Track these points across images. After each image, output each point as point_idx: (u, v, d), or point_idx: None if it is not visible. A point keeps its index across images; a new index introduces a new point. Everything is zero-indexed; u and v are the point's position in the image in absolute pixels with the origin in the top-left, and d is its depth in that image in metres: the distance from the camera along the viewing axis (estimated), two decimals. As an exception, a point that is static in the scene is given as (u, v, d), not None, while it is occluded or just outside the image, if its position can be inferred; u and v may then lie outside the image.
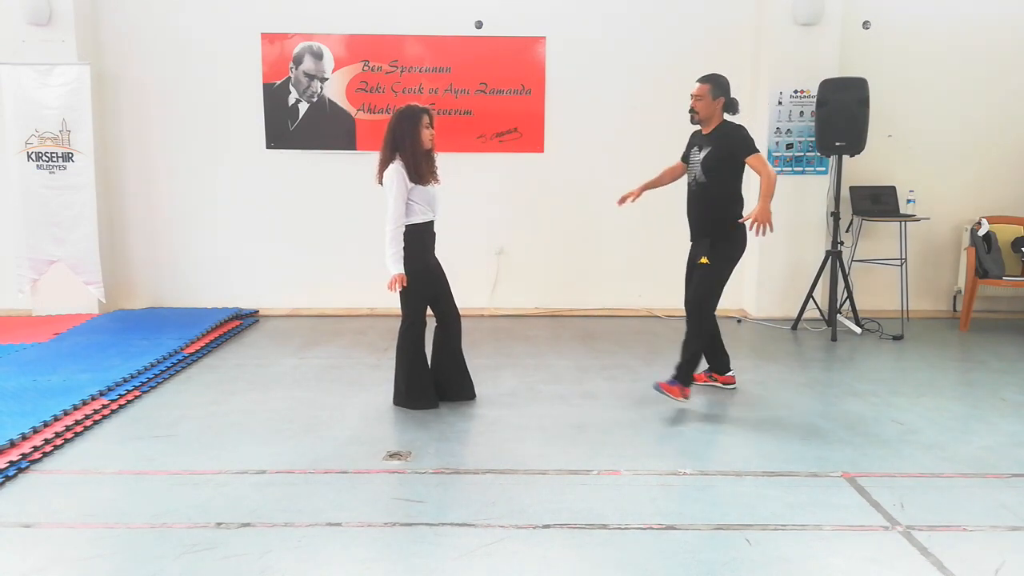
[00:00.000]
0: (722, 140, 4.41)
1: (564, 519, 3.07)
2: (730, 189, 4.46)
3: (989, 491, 3.38)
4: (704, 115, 4.47)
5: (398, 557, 2.80)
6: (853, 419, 4.28)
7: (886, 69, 6.71)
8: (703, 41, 6.85)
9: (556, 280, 7.12)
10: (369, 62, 6.82)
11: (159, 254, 6.99)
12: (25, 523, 3.05)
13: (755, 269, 6.85)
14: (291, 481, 3.44)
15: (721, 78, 4.48)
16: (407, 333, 4.35)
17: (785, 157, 6.68)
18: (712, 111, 4.45)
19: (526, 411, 4.38)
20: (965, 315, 6.52)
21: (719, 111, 4.46)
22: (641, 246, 7.09)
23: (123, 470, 3.57)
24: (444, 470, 3.56)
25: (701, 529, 3.01)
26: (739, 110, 4.49)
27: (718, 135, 4.44)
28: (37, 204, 6.48)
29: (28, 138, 6.42)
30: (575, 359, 5.51)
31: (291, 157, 6.91)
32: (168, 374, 5.04)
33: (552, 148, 6.95)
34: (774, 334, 6.33)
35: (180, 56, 6.74)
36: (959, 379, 5.19)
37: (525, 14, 6.79)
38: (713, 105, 4.44)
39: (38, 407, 4.14)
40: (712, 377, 4.85)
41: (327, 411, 4.37)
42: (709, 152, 4.43)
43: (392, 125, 4.22)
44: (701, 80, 4.50)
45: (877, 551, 2.86)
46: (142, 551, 2.83)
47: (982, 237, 6.51)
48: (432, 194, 4.30)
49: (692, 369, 4.48)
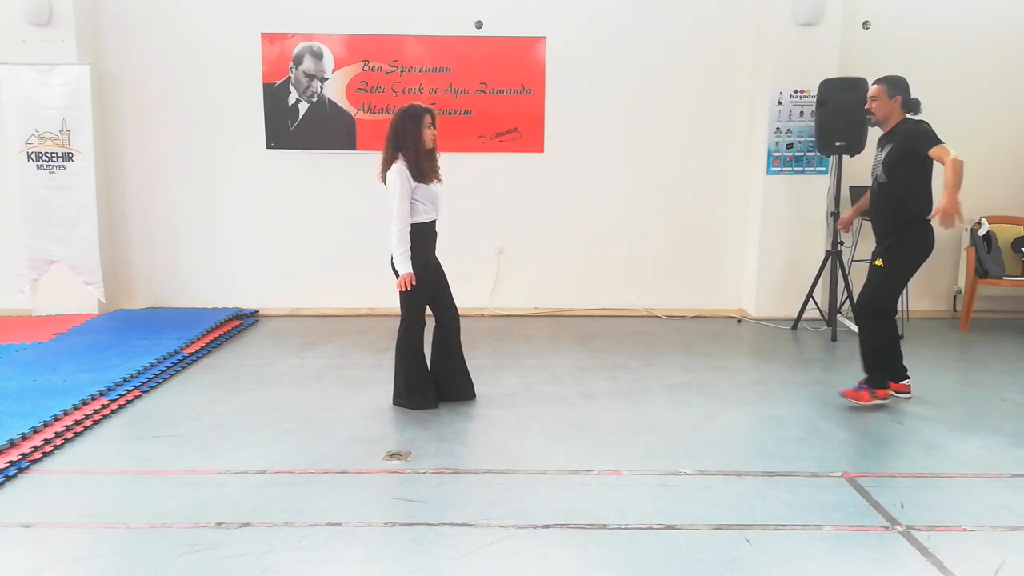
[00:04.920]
0: (902, 137, 4.34)
1: (564, 519, 3.07)
2: (913, 188, 4.33)
3: (989, 491, 3.38)
4: (881, 115, 4.43)
5: (398, 557, 2.80)
6: (853, 419, 4.28)
7: (886, 69, 6.64)
8: (703, 41, 6.85)
9: (556, 280, 7.12)
10: (369, 62, 6.82)
11: (159, 254, 6.99)
12: (25, 523, 3.05)
13: (755, 269, 6.86)
14: (291, 481, 3.44)
15: (897, 78, 4.45)
16: (407, 333, 4.35)
17: (785, 157, 6.68)
18: (889, 111, 4.40)
19: (526, 411, 4.38)
20: (965, 315, 6.52)
21: (897, 110, 4.39)
22: (641, 246, 7.09)
23: (123, 470, 3.57)
24: (444, 470, 3.56)
25: (701, 529, 3.01)
26: (920, 109, 4.41)
27: (899, 133, 4.37)
28: (37, 204, 6.48)
29: (28, 138, 6.41)
30: (575, 359, 5.51)
31: (291, 157, 6.91)
32: (168, 374, 5.04)
33: (552, 148, 6.95)
34: (774, 334, 6.33)
35: (180, 56, 6.74)
36: (959, 379, 5.19)
37: (525, 14, 6.79)
38: (890, 105, 4.39)
39: (38, 407, 4.14)
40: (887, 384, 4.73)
41: (327, 411, 4.37)
42: (889, 151, 4.37)
43: (394, 124, 4.23)
44: (876, 81, 4.49)
45: (877, 551, 2.86)
46: (142, 551, 2.83)
47: (982, 237, 6.51)
48: (435, 193, 4.31)
49: (877, 371, 4.44)
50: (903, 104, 4.39)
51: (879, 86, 4.44)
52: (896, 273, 4.42)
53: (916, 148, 4.26)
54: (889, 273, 4.40)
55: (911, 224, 4.35)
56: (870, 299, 4.45)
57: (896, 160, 4.34)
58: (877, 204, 4.50)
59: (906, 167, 4.32)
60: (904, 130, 4.37)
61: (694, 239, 7.10)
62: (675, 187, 7.04)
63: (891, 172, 4.37)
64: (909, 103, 4.39)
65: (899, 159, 4.33)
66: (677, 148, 7.00)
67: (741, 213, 7.04)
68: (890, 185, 4.38)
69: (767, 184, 6.70)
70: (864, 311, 4.48)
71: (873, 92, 4.46)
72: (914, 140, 4.28)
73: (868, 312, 4.45)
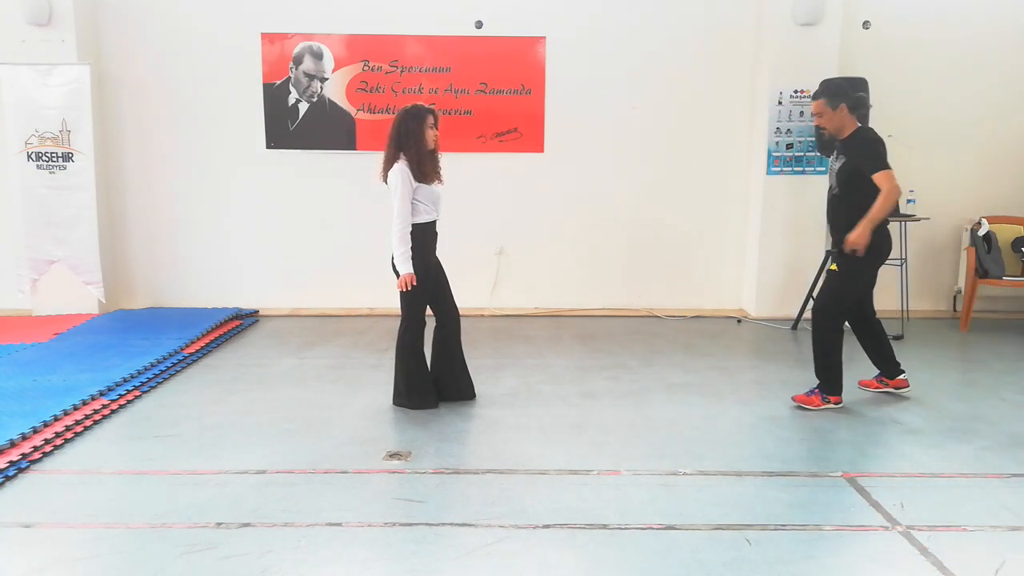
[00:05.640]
0: (853, 153, 4.23)
1: (564, 519, 3.07)
2: (865, 201, 4.16)
3: (989, 491, 3.38)
4: (832, 128, 4.30)
5: (398, 557, 2.80)
6: (853, 419, 4.28)
7: (886, 69, 6.71)
8: (703, 41, 6.85)
9: (556, 280, 7.12)
10: (369, 62, 6.82)
11: (159, 254, 6.99)
12: (25, 523, 3.05)
13: (755, 269, 6.86)
14: (291, 481, 3.44)
15: (834, 85, 4.31)
16: (407, 333, 4.35)
17: (785, 157, 6.68)
18: (839, 122, 4.26)
19: (526, 411, 4.38)
20: (965, 315, 6.52)
21: (847, 118, 4.24)
22: (641, 246, 7.08)
23: (123, 470, 3.57)
24: (444, 470, 3.56)
25: (701, 529, 3.01)
26: (870, 105, 4.27)
27: (851, 145, 4.26)
28: (37, 204, 6.48)
29: (28, 138, 6.41)
30: (575, 359, 5.51)
31: (291, 157, 6.91)
32: (168, 374, 5.04)
33: (552, 148, 6.95)
34: (774, 334, 6.32)
35: (180, 56, 6.74)
36: (959, 379, 5.19)
37: (525, 14, 6.79)
38: (836, 116, 4.24)
39: (38, 407, 4.14)
40: (883, 382, 4.71)
41: (327, 411, 4.37)
42: (843, 164, 4.27)
43: (397, 124, 4.23)
44: (814, 96, 4.34)
45: (877, 551, 2.86)
46: (142, 551, 2.83)
47: (982, 237, 6.51)
48: (437, 193, 4.32)
49: (829, 376, 4.39)
50: (850, 109, 4.25)
51: (819, 101, 4.29)
52: (846, 279, 4.35)
53: (862, 167, 4.17)
54: (841, 278, 4.35)
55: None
56: (825, 305, 4.40)
57: (849, 174, 4.25)
58: (833, 212, 4.43)
59: (857, 181, 4.23)
60: (855, 144, 4.26)
61: (694, 239, 7.10)
62: (675, 187, 7.04)
63: (844, 184, 4.30)
64: (857, 105, 4.27)
65: (852, 172, 4.24)
66: (677, 148, 7.00)
67: (741, 213, 7.04)
68: (843, 197, 4.31)
69: (767, 184, 6.71)
70: (817, 316, 4.42)
71: (815, 109, 4.33)
72: (862, 160, 4.18)
73: (822, 316, 4.39)
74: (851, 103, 4.25)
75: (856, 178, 4.22)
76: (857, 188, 4.23)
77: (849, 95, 4.28)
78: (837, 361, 4.41)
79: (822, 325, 4.39)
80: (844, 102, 4.24)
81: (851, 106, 4.25)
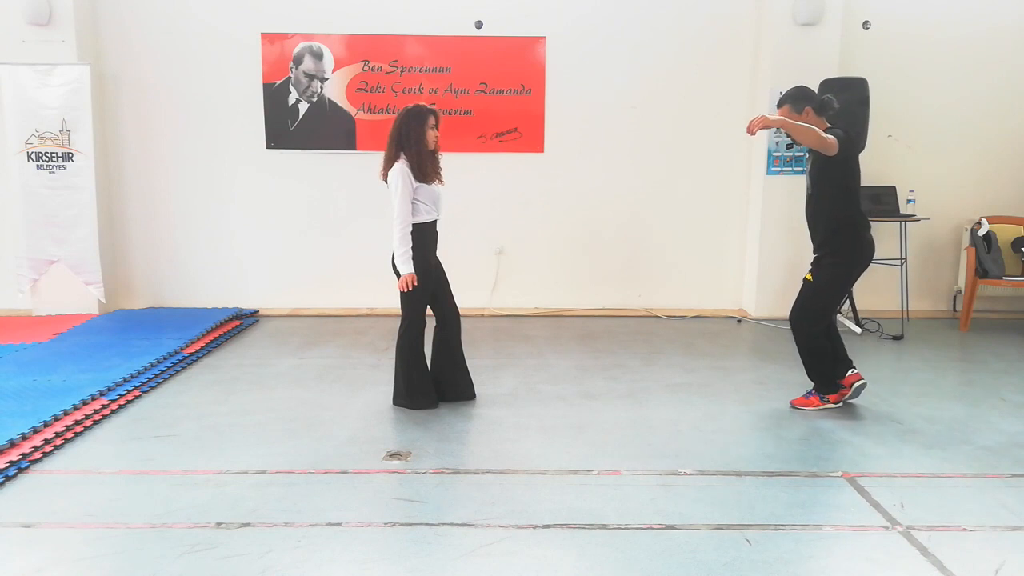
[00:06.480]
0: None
1: (564, 519, 3.07)
2: (839, 201, 4.21)
3: (989, 491, 3.38)
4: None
5: (398, 557, 2.80)
6: (853, 419, 4.28)
7: (886, 69, 6.72)
8: (703, 41, 6.85)
9: (556, 280, 7.12)
10: (369, 62, 6.82)
11: (159, 254, 6.99)
12: (25, 523, 3.05)
13: (755, 269, 6.86)
14: (291, 481, 3.44)
15: (795, 91, 4.29)
16: (407, 333, 4.35)
17: (785, 157, 6.68)
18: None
19: (526, 411, 4.38)
20: (965, 315, 6.52)
21: (815, 120, 4.20)
22: (641, 246, 7.09)
23: (123, 470, 3.57)
24: (444, 470, 3.56)
25: (701, 529, 3.01)
26: (836, 106, 4.22)
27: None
28: (37, 204, 6.48)
29: (28, 138, 6.41)
30: (575, 359, 5.51)
31: (291, 157, 6.91)
32: (168, 374, 5.04)
33: (552, 148, 6.95)
34: (774, 334, 6.33)
35: (180, 56, 6.74)
36: (959, 379, 5.19)
37: (525, 14, 6.79)
38: (803, 120, 4.18)
39: (38, 407, 4.14)
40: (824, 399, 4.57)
41: (327, 411, 4.37)
42: (813, 162, 4.27)
43: (398, 123, 4.23)
44: (778, 104, 4.31)
45: (877, 551, 2.86)
46: (142, 551, 2.83)
47: (982, 237, 6.51)
48: (437, 193, 4.32)
49: (822, 378, 4.40)
50: (817, 112, 4.23)
51: (783, 108, 4.26)
52: (825, 286, 4.32)
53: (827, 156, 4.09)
54: (818, 287, 4.32)
55: (844, 230, 4.25)
56: (801, 315, 4.37)
57: (819, 170, 4.23)
58: (810, 214, 4.41)
59: (828, 179, 4.20)
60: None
61: (694, 239, 7.10)
62: (675, 187, 7.04)
63: (816, 182, 4.28)
64: (822, 107, 4.24)
65: (822, 168, 4.20)
66: (677, 148, 7.00)
67: (741, 213, 7.05)
68: (817, 196, 4.30)
69: (767, 184, 6.71)
70: (794, 326, 4.40)
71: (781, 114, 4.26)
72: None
73: (799, 323, 4.37)
74: (816, 105, 4.24)
75: (824, 174, 4.21)
76: (825, 190, 4.23)
77: (813, 98, 4.26)
78: (827, 363, 4.42)
79: (804, 333, 4.37)
80: (808, 105, 4.22)
81: (817, 108, 4.24)
